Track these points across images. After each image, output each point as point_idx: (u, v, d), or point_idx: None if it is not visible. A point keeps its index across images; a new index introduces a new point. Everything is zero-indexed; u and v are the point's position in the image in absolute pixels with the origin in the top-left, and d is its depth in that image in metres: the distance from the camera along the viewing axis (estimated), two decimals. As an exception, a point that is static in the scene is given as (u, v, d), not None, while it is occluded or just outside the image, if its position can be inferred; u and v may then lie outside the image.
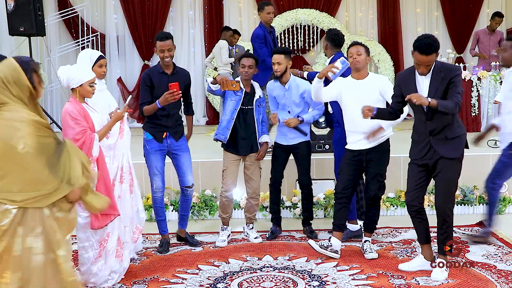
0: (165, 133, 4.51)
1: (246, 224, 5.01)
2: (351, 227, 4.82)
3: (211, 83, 4.72)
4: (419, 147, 3.90)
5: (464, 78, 7.98)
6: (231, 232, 4.99)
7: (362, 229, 4.66)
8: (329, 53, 4.97)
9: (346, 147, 4.43)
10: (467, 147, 3.93)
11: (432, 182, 4.01)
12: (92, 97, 3.91)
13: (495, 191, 4.63)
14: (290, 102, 4.85)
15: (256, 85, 4.94)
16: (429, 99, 3.63)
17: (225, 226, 4.94)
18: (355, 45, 4.34)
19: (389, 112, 4.04)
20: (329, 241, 4.37)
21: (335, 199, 4.44)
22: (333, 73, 4.16)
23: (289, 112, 4.87)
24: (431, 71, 3.76)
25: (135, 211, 4.18)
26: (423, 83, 3.80)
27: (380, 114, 3.96)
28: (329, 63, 4.85)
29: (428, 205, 5.72)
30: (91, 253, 3.83)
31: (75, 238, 3.86)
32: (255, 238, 4.90)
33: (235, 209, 5.51)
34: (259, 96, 4.87)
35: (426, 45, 3.61)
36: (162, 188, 4.64)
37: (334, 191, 4.51)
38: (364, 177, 4.60)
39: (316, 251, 4.32)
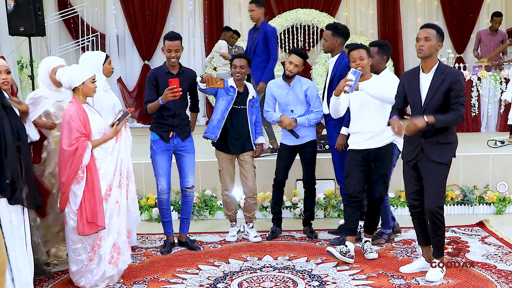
0: (171, 132, 4.50)
1: (246, 223, 5.02)
2: None
3: (200, 82, 4.71)
4: (411, 147, 3.89)
5: (464, 78, 7.98)
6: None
7: (362, 230, 4.66)
8: (338, 49, 4.82)
9: (351, 147, 4.37)
10: (454, 155, 3.90)
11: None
12: (94, 95, 3.91)
13: (386, 195, 4.64)
14: (294, 100, 4.84)
15: (249, 85, 4.95)
16: (426, 118, 3.64)
17: (233, 223, 5.00)
18: (356, 49, 4.25)
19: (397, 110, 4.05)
20: (346, 246, 4.25)
21: (347, 202, 4.34)
22: (349, 86, 4.04)
23: (292, 111, 4.86)
24: (433, 70, 3.77)
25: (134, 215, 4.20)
26: (424, 81, 3.81)
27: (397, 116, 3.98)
28: (336, 61, 4.78)
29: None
30: (84, 256, 3.81)
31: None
32: (254, 237, 4.91)
33: (235, 209, 5.50)
34: (253, 96, 4.88)
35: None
36: (168, 190, 4.60)
37: (345, 194, 4.38)
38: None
39: (338, 258, 4.18)
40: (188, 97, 4.74)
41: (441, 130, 3.76)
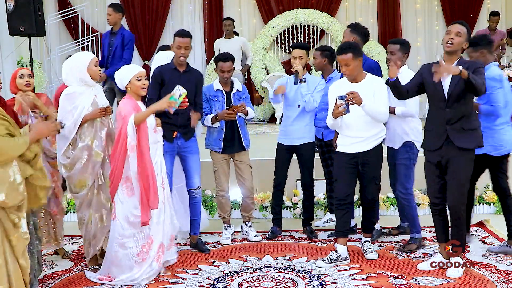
0: (175, 132, 4.46)
1: (244, 223, 5.01)
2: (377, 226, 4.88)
3: (212, 123, 4.69)
4: (435, 137, 3.90)
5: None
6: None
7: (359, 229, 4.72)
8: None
9: (339, 150, 4.33)
10: (481, 144, 3.89)
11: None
12: (144, 93, 3.99)
13: (411, 195, 4.57)
14: (302, 96, 4.79)
15: (235, 80, 4.91)
16: (461, 67, 3.61)
17: (227, 225, 4.97)
18: (342, 54, 4.14)
19: (405, 89, 4.02)
20: (336, 251, 4.27)
21: (336, 206, 4.33)
22: (344, 110, 4.01)
23: (298, 106, 4.82)
24: (455, 63, 3.79)
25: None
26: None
27: (398, 83, 3.95)
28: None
29: (429, 205, 5.72)
30: (134, 249, 3.89)
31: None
32: (254, 236, 4.91)
33: (234, 209, 5.50)
34: (237, 89, 4.84)
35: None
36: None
37: (335, 197, 4.38)
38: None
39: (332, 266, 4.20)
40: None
41: (463, 116, 3.79)
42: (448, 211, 4.01)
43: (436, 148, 3.90)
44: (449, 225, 4.04)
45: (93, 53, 9.85)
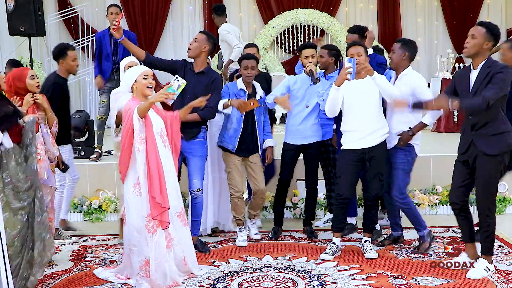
0: None
1: (249, 219, 5.00)
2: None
3: (223, 107, 4.64)
4: (463, 141, 3.92)
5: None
6: (232, 232, 5.04)
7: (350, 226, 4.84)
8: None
9: (345, 147, 4.34)
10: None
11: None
12: (150, 93, 3.91)
13: (408, 198, 4.48)
14: (313, 96, 4.78)
15: (257, 85, 4.91)
16: (450, 104, 3.61)
17: (242, 227, 4.88)
18: (354, 46, 4.28)
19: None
20: (334, 244, 4.37)
21: (338, 202, 4.37)
22: (350, 74, 4.09)
23: (306, 106, 4.81)
24: (481, 66, 3.76)
25: None
26: (472, 77, 3.81)
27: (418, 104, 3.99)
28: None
29: (429, 205, 5.74)
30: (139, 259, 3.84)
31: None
32: (255, 234, 4.92)
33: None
34: (260, 96, 4.84)
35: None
36: None
37: (337, 194, 4.40)
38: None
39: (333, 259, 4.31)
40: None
41: (488, 121, 3.74)
42: (477, 210, 3.97)
43: (462, 152, 3.91)
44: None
45: (91, 53, 9.91)
